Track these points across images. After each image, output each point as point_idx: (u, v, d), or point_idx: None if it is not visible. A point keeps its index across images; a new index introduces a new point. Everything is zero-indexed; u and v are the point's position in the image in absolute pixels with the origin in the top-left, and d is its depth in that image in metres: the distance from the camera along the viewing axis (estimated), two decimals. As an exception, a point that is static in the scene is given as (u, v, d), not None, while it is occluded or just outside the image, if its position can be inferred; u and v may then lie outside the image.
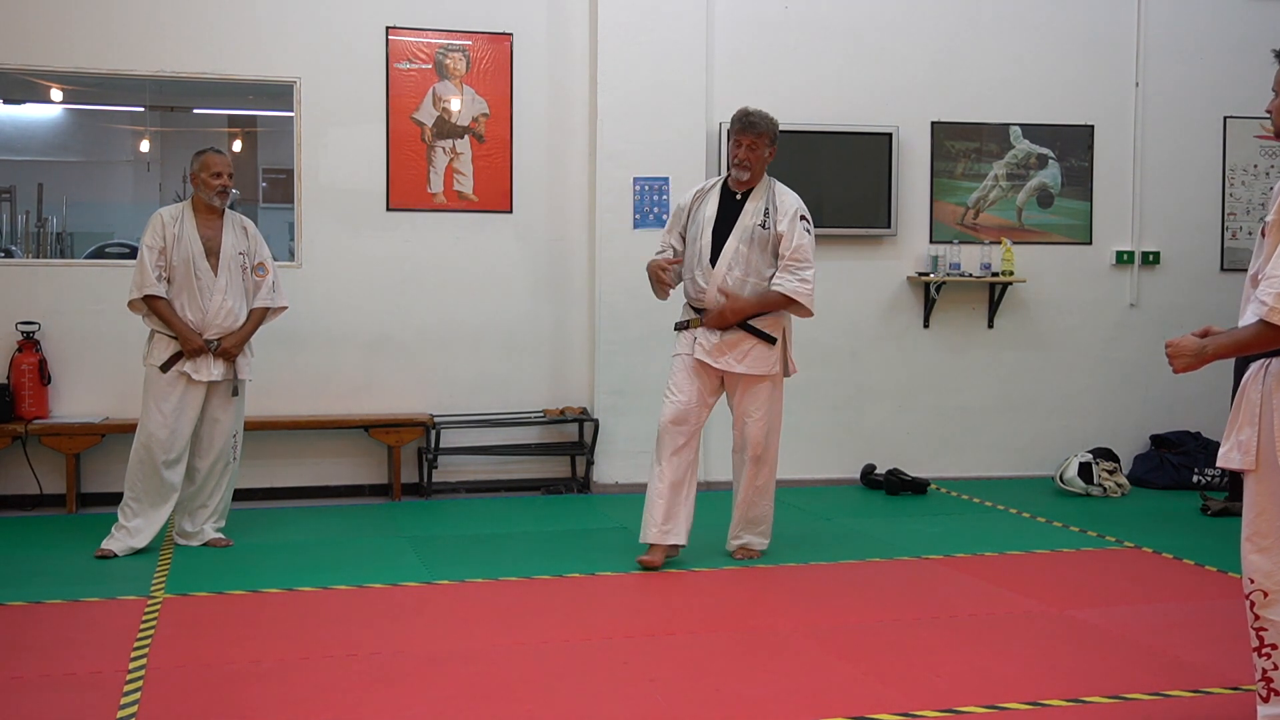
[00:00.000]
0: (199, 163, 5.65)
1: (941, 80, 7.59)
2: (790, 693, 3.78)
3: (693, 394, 5.37)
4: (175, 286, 5.58)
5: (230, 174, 5.65)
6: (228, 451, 5.76)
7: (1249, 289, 3.25)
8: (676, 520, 5.37)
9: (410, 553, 5.70)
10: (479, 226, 7.23)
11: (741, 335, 5.31)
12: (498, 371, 7.29)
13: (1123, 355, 7.86)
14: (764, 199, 5.36)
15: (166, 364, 5.56)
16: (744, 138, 5.32)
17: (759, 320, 5.31)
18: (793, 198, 5.40)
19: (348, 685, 3.84)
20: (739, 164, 5.34)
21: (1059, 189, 7.77)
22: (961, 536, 6.10)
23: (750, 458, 5.41)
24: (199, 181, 5.64)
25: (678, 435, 5.38)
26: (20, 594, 4.89)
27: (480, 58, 7.17)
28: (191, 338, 5.55)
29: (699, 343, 5.34)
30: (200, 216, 5.65)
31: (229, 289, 5.63)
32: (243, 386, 5.78)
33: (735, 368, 5.32)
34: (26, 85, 7.41)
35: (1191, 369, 3.24)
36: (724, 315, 5.28)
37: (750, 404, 5.38)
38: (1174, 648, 4.26)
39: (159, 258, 5.55)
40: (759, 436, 5.37)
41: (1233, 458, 3.24)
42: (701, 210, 5.43)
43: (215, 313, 5.60)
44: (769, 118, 5.39)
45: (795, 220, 5.31)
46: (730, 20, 7.31)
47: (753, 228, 5.31)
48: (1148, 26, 7.78)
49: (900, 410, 7.66)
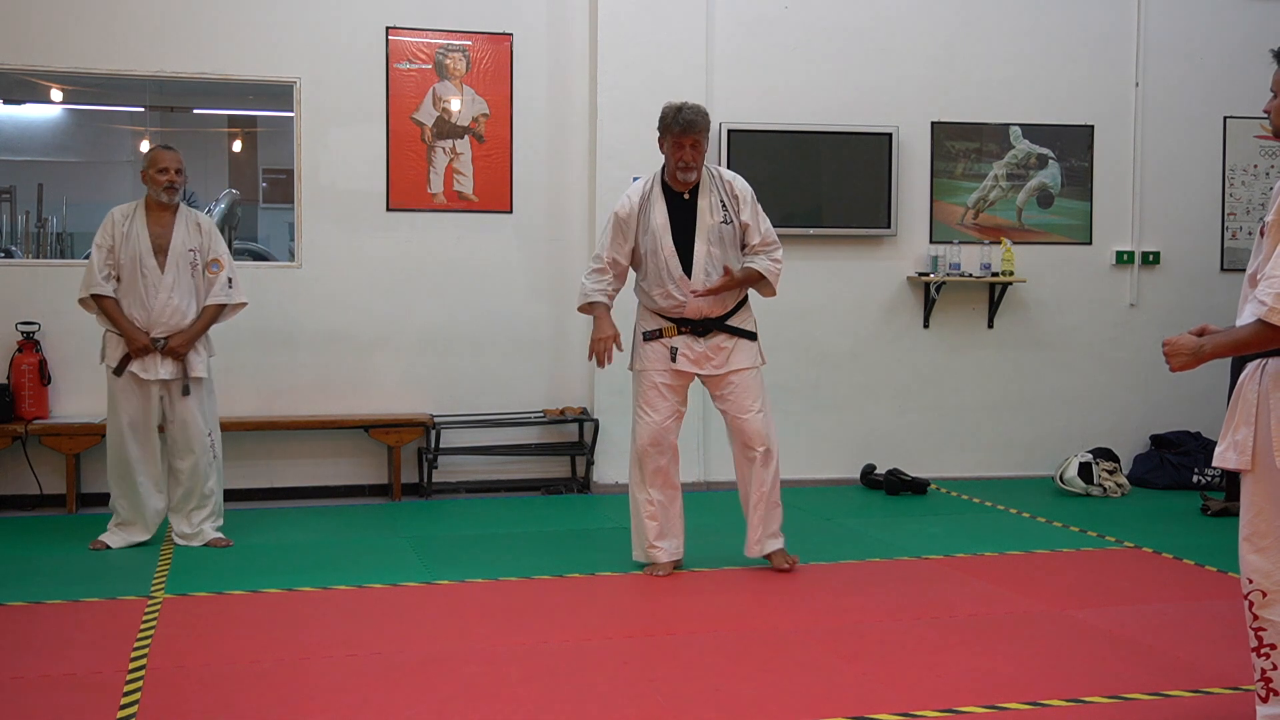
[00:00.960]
0: (147, 159, 5.64)
1: (941, 80, 7.59)
2: (790, 693, 3.78)
3: (666, 411, 5.21)
4: (124, 285, 5.56)
5: (179, 170, 5.61)
6: (206, 450, 5.71)
7: (1247, 288, 3.25)
8: (671, 538, 5.28)
9: (410, 553, 5.70)
10: (479, 226, 7.23)
11: (723, 337, 5.19)
12: (498, 371, 7.29)
13: (1123, 355, 7.86)
14: (713, 192, 5.16)
15: (119, 366, 5.57)
16: (686, 138, 5.05)
17: (736, 318, 5.22)
18: (740, 181, 5.25)
19: (348, 685, 3.84)
20: (685, 166, 5.08)
21: (1059, 189, 7.77)
22: (961, 536, 6.10)
23: (761, 454, 5.20)
24: (148, 178, 5.62)
25: (658, 456, 5.22)
26: (20, 594, 4.89)
27: (480, 58, 7.17)
28: (136, 336, 5.53)
29: (681, 353, 5.16)
30: (151, 214, 5.62)
31: (176, 287, 5.58)
32: (200, 384, 5.69)
33: (722, 369, 5.19)
34: (26, 85, 7.41)
35: (1189, 368, 3.23)
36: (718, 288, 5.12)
37: (743, 398, 5.21)
38: (1174, 648, 4.26)
39: (107, 256, 5.54)
40: (762, 429, 5.20)
41: (1229, 457, 3.24)
42: (650, 219, 5.14)
43: (161, 310, 5.56)
44: (704, 111, 5.13)
45: (755, 204, 5.21)
46: (730, 20, 7.31)
47: (717, 226, 5.13)
48: (1148, 26, 7.78)
49: (900, 410, 7.66)
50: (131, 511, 5.71)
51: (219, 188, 8.87)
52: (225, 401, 6.85)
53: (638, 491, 5.27)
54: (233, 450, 6.91)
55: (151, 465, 5.70)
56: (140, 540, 5.70)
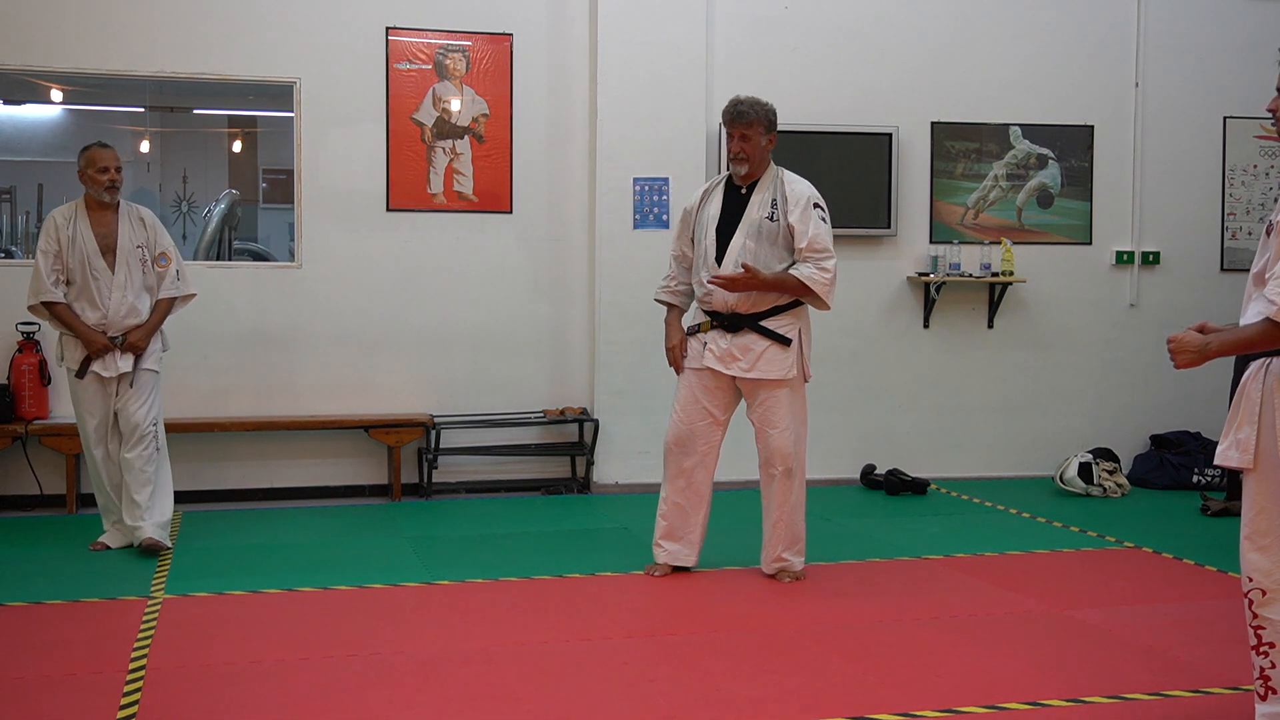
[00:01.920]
0: (84, 159, 5.55)
1: (941, 80, 7.59)
2: (790, 693, 3.78)
3: (695, 414, 5.09)
4: (75, 288, 5.53)
5: (119, 168, 5.56)
6: (149, 441, 5.61)
7: (1251, 287, 3.24)
8: (678, 542, 5.20)
9: (410, 553, 5.70)
10: (479, 227, 7.23)
11: (753, 338, 4.99)
12: (498, 371, 7.28)
13: (1123, 355, 7.86)
14: (770, 189, 5.05)
15: (81, 369, 5.53)
16: (735, 129, 5.05)
17: (771, 320, 5.00)
18: (804, 185, 5.07)
19: (348, 685, 3.84)
20: (735, 157, 5.06)
21: (1059, 189, 7.77)
22: (961, 536, 6.10)
23: (781, 472, 5.04)
24: (86, 178, 5.54)
25: (681, 457, 5.13)
26: (20, 594, 4.89)
27: (480, 58, 7.17)
28: (94, 339, 5.50)
29: (709, 348, 5.04)
30: (93, 214, 5.56)
31: (128, 284, 5.55)
32: (149, 376, 5.64)
33: (747, 375, 5.00)
34: (26, 85, 7.41)
35: (1194, 365, 3.22)
36: (735, 281, 4.91)
37: (771, 413, 5.02)
38: (1174, 648, 4.26)
39: (54, 262, 5.49)
40: (786, 448, 5.01)
41: (1231, 456, 3.24)
42: (706, 209, 5.14)
43: (116, 310, 5.53)
44: (761, 103, 5.10)
45: (809, 209, 4.99)
46: (730, 20, 7.31)
47: (759, 220, 4.99)
48: (1148, 26, 7.78)
49: (900, 410, 7.66)
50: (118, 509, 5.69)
51: (219, 188, 8.88)
52: (226, 402, 6.88)
53: (662, 485, 5.24)
54: (233, 450, 6.94)
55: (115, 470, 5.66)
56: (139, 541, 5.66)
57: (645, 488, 7.14)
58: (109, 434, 5.65)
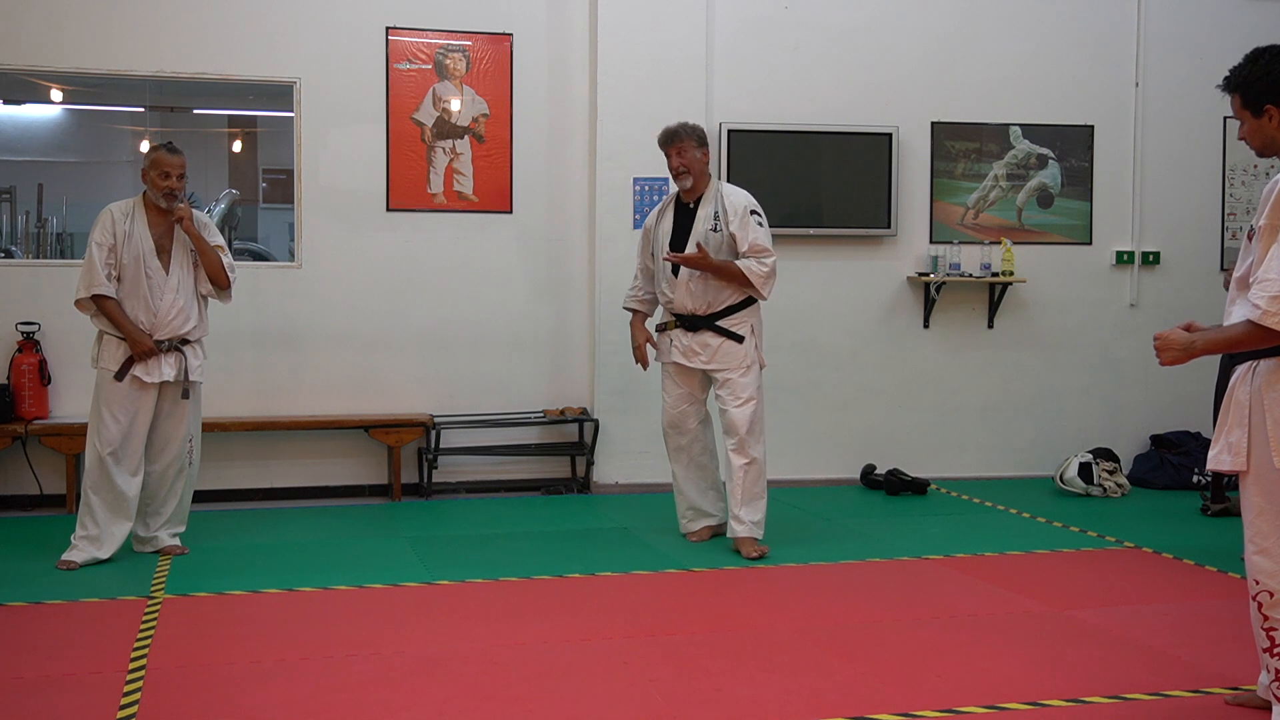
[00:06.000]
0: (150, 159, 5.38)
1: (941, 80, 7.59)
2: (790, 693, 3.78)
3: (679, 396, 5.79)
4: (125, 286, 5.34)
5: (181, 175, 5.36)
6: (183, 456, 5.52)
7: (1235, 290, 3.27)
8: (703, 504, 5.88)
9: (410, 553, 5.70)
10: (479, 227, 7.23)
11: (710, 335, 5.63)
12: (498, 371, 7.29)
13: (1123, 355, 7.86)
14: (713, 203, 5.63)
15: (121, 371, 5.33)
16: (670, 148, 5.64)
17: (726, 320, 5.62)
18: (740, 195, 5.66)
19: (348, 685, 3.84)
20: (678, 173, 5.65)
21: (1059, 189, 7.77)
22: (961, 536, 6.10)
23: (735, 442, 5.61)
24: (148, 179, 5.38)
25: (677, 436, 5.85)
26: (20, 594, 4.89)
27: (480, 58, 7.17)
28: (141, 340, 5.31)
29: (674, 345, 5.73)
30: (151, 213, 5.40)
31: (181, 288, 5.41)
32: (196, 390, 5.56)
33: (707, 366, 5.66)
34: (26, 85, 7.41)
35: (1179, 363, 3.24)
36: (689, 259, 5.50)
37: (728, 392, 5.63)
38: (1174, 648, 4.26)
39: (109, 255, 5.31)
40: (739, 420, 5.59)
41: (1223, 460, 3.25)
42: (659, 227, 5.77)
43: (166, 313, 5.37)
44: (689, 123, 5.70)
45: (746, 217, 5.56)
46: (730, 20, 7.31)
47: (705, 234, 5.57)
48: (1148, 26, 7.79)
49: (900, 410, 7.66)
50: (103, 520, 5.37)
51: (219, 188, 8.87)
52: (226, 402, 6.87)
53: (671, 465, 5.92)
54: (233, 450, 6.93)
55: (137, 474, 5.42)
56: (105, 558, 5.38)
57: (645, 487, 7.16)
58: (138, 446, 5.40)
